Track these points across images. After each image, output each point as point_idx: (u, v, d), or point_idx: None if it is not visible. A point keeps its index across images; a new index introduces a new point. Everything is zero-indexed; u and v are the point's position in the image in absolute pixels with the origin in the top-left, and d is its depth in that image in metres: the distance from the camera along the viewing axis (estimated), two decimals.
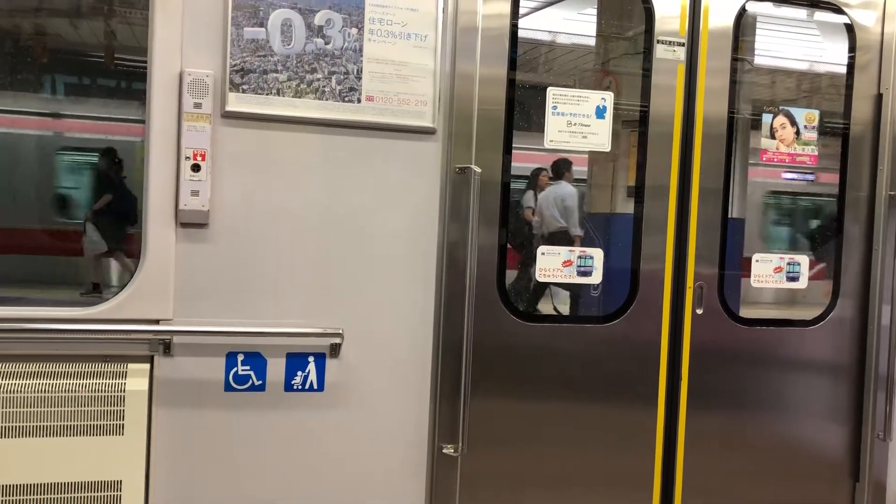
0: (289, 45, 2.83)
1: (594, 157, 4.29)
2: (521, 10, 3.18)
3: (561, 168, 5.17)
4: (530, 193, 5.59)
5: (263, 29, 2.80)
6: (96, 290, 8.05)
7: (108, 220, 8.47)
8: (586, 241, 4.71)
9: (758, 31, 4.09)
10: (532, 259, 3.30)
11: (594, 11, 4.05)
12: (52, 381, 2.66)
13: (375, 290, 2.96)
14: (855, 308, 3.52)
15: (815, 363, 3.52)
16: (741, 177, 4.53)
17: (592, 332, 3.28)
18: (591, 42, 4.15)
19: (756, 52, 4.17)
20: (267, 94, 2.82)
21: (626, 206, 4.79)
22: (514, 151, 3.15)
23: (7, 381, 2.63)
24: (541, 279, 3.21)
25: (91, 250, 8.58)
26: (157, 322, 2.76)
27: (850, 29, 3.52)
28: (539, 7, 3.90)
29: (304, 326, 2.88)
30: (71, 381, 2.67)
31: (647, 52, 3.29)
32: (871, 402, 3.50)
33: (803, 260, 3.48)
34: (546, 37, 4.26)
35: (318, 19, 2.86)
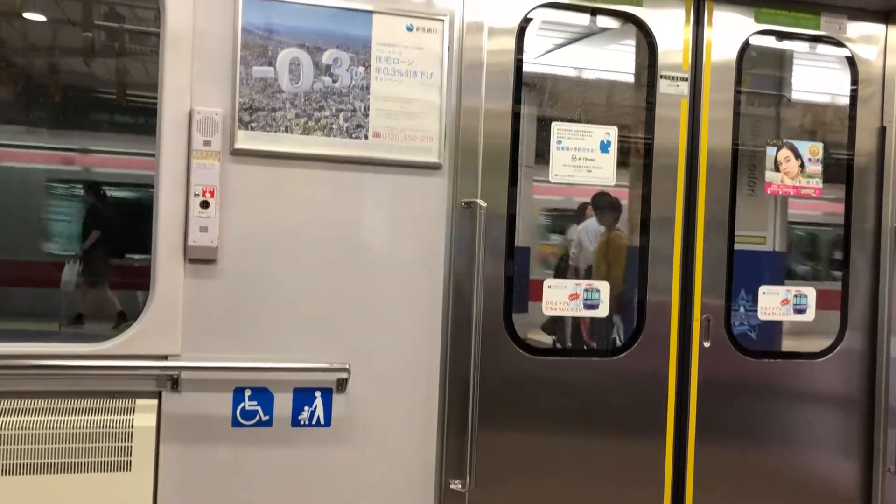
0: (297, 83, 2.88)
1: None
2: (549, 47, 3.21)
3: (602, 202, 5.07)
4: (574, 227, 5.50)
5: (272, 68, 2.85)
6: (122, 319, 8.14)
7: (98, 254, 8.62)
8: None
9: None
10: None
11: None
12: (59, 418, 2.67)
13: (382, 324, 2.97)
14: (863, 340, 3.50)
15: (825, 396, 3.49)
16: (782, 210, 4.54)
17: (600, 365, 3.28)
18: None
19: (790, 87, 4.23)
20: (275, 132, 2.86)
21: None
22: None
23: (14, 418, 2.64)
24: (547, 312, 3.21)
25: (67, 284, 8.66)
26: (165, 358, 2.77)
27: (851, 62, 3.55)
28: (564, 44, 3.93)
29: (311, 361, 2.88)
30: (78, 418, 2.68)
31: (651, 87, 3.33)
32: (881, 436, 3.46)
33: (810, 292, 3.47)
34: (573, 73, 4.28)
35: (326, 58, 2.91)
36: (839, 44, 3.54)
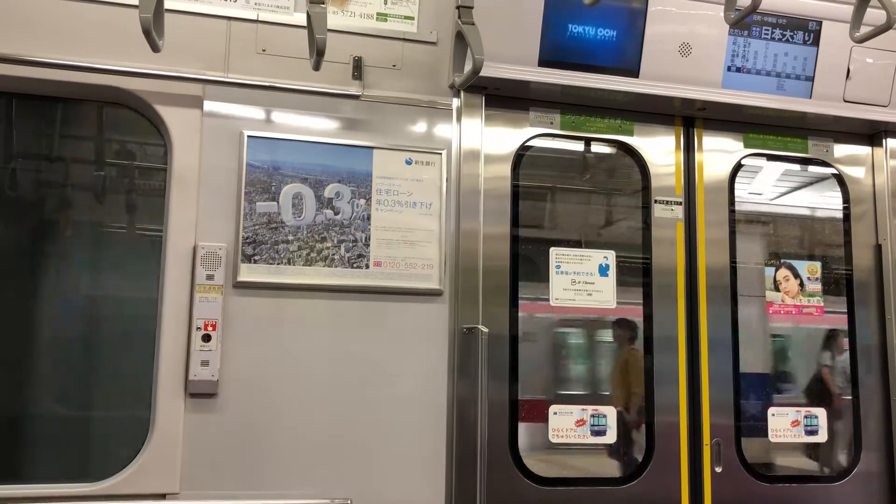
0: (299, 216, 2.95)
1: None
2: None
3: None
4: (827, 353, 5.28)
5: (275, 203, 2.92)
6: None
7: None
8: None
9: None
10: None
11: None
12: None
13: (385, 456, 2.91)
14: (880, 461, 3.40)
15: None
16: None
17: (611, 493, 3.16)
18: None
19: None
20: (278, 264, 2.90)
21: None
22: None
23: None
24: (553, 440, 3.14)
25: None
26: (163, 497, 2.70)
27: (841, 182, 3.62)
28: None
29: (311, 497, 2.80)
30: None
31: (646, 208, 3.39)
32: None
33: (820, 413, 3.40)
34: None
35: (328, 192, 2.99)
36: (827, 164, 3.63)
